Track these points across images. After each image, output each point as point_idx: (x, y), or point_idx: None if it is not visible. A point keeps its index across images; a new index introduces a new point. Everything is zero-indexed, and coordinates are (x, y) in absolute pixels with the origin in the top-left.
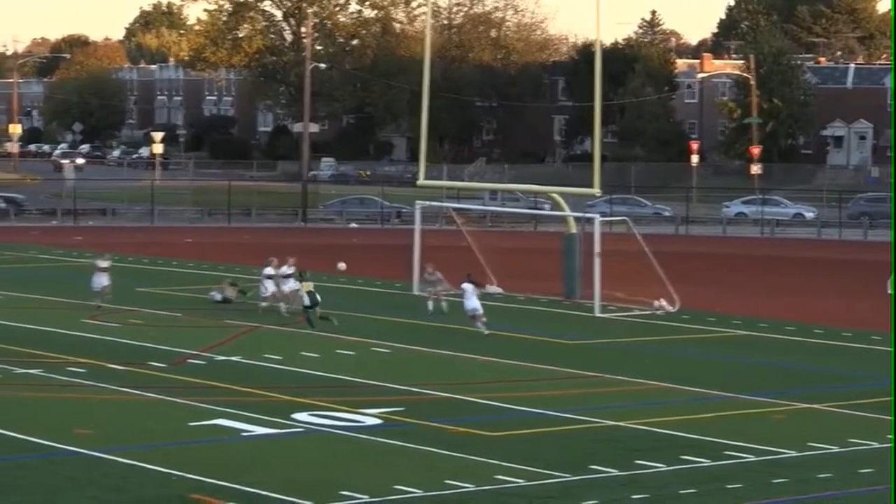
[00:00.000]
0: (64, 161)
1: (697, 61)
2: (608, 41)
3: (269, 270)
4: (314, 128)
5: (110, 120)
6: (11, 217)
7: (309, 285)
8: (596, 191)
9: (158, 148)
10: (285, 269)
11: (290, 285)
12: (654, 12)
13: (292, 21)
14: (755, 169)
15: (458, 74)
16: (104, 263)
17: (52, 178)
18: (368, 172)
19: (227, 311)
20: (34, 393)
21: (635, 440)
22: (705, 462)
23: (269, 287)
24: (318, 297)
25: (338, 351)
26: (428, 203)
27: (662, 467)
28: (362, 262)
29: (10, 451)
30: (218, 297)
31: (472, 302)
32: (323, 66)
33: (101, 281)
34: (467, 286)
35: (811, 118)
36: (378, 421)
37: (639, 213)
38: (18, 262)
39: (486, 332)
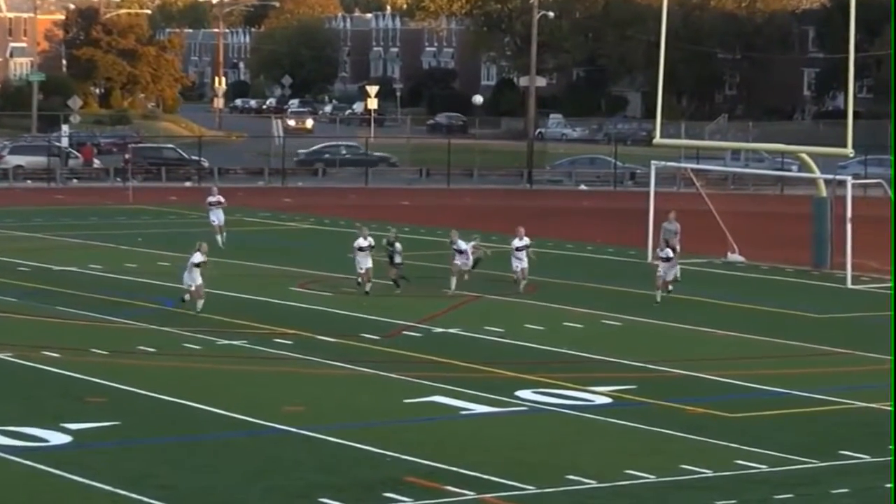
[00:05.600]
0: (290, 121)
1: None
2: None
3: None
4: (541, 81)
5: (322, 73)
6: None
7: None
8: (849, 150)
9: (373, 103)
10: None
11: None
12: None
13: None
14: None
15: (698, 23)
16: (364, 243)
17: (259, 135)
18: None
19: (446, 280)
20: (238, 366)
21: (890, 424)
22: None
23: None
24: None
25: (565, 323)
26: (665, 163)
27: None
28: (593, 227)
29: (213, 428)
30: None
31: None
32: (551, 14)
33: (365, 262)
34: (666, 251)
35: None
36: (608, 399)
37: None
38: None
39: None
